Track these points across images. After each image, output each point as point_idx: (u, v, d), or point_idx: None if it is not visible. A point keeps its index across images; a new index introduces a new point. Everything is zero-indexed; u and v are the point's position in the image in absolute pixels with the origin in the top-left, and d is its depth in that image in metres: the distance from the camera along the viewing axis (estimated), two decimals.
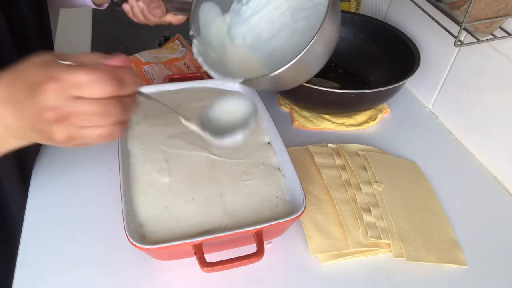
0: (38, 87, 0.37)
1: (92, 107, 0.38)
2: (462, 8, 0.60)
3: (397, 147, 0.78)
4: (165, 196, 0.57)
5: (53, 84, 0.36)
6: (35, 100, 0.37)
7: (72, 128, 0.38)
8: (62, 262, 0.57)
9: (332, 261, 0.58)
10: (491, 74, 0.72)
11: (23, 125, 0.40)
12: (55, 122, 0.37)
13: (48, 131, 0.38)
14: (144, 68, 0.84)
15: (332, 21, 0.52)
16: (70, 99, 0.37)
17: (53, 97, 0.37)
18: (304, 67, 0.56)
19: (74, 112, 0.37)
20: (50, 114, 0.37)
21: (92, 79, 0.37)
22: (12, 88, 0.39)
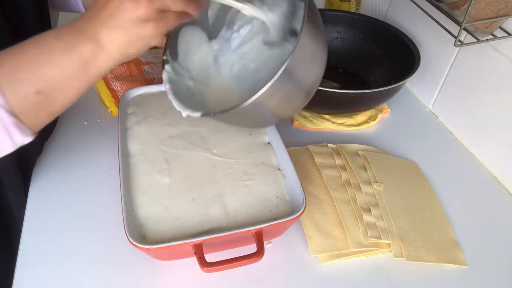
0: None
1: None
2: (462, 8, 0.60)
3: (397, 147, 0.78)
4: (165, 197, 0.57)
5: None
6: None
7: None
8: (62, 262, 0.57)
9: (332, 261, 0.58)
10: (491, 74, 0.72)
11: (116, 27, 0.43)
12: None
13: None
14: (144, 68, 0.84)
15: (307, 51, 0.46)
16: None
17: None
18: (284, 99, 0.49)
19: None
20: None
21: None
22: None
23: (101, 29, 0.43)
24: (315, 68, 0.50)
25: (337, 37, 0.94)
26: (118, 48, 0.44)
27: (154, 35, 0.45)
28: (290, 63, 0.43)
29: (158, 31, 0.45)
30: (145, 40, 0.45)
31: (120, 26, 0.43)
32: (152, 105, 0.70)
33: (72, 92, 0.46)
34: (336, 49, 0.94)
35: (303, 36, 0.44)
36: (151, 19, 0.43)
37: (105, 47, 0.44)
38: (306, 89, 0.51)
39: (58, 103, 0.46)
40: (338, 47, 0.94)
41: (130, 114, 0.68)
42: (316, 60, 0.49)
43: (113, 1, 0.42)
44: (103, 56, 0.44)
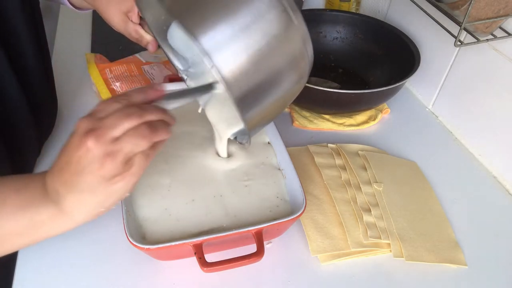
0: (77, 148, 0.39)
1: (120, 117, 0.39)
2: (462, 8, 0.60)
3: (397, 147, 0.78)
4: (165, 198, 0.57)
5: (89, 136, 0.38)
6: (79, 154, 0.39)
7: (108, 143, 0.38)
8: (62, 262, 0.57)
9: (332, 261, 0.58)
10: (491, 74, 0.72)
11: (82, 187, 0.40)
12: (90, 137, 0.38)
13: (91, 161, 0.38)
14: (144, 68, 0.84)
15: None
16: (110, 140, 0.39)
17: (92, 143, 0.38)
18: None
19: (106, 125, 0.39)
20: (85, 136, 0.38)
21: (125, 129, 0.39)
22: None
23: (65, 193, 0.40)
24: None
25: (337, 37, 0.94)
26: (82, 211, 0.41)
27: (124, 189, 0.41)
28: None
29: (129, 182, 0.41)
30: (115, 197, 0.41)
31: (85, 190, 0.39)
32: None
33: (9, 248, 0.43)
34: (336, 49, 0.94)
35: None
36: (118, 173, 0.39)
37: (67, 212, 0.41)
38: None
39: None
40: (338, 47, 0.94)
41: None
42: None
43: (73, 165, 0.39)
44: (62, 221, 0.41)
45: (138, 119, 0.39)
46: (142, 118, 0.39)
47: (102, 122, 0.39)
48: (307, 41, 0.43)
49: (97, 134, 0.38)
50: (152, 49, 0.66)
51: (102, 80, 0.80)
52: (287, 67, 0.43)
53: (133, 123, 0.39)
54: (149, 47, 0.66)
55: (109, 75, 0.81)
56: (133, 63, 0.84)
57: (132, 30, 0.64)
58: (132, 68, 0.83)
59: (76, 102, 0.82)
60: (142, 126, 0.39)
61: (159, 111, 0.42)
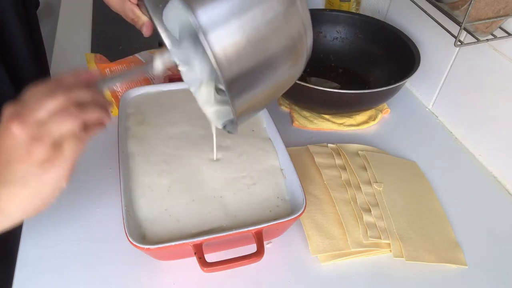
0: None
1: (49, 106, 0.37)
2: (462, 8, 0.60)
3: (397, 147, 0.77)
4: (164, 199, 0.57)
5: (14, 121, 0.36)
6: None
7: (33, 126, 0.36)
8: (62, 262, 0.57)
9: (332, 261, 0.58)
10: (491, 74, 0.72)
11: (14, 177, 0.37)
12: (16, 122, 0.36)
13: (20, 146, 0.36)
14: None
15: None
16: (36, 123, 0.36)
17: (17, 127, 0.36)
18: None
19: (29, 107, 0.36)
20: (12, 121, 0.36)
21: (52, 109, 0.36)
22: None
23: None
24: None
25: (337, 37, 0.94)
26: (18, 206, 0.38)
27: (59, 175, 0.38)
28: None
29: (62, 171, 0.37)
30: (49, 187, 0.38)
31: (16, 181, 0.37)
32: (152, 105, 0.70)
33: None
34: (336, 49, 0.94)
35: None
36: (48, 159, 0.36)
37: (1, 208, 0.38)
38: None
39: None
40: (338, 47, 0.94)
41: (130, 114, 0.68)
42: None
43: (2, 152, 0.36)
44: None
45: (63, 98, 0.37)
46: (68, 97, 0.37)
47: (26, 105, 0.36)
48: (307, 25, 0.41)
49: (21, 118, 0.36)
50: (146, 31, 0.64)
51: None
52: (284, 50, 0.40)
53: (58, 102, 0.36)
54: (143, 28, 0.64)
55: (109, 75, 0.80)
56: (133, 63, 0.84)
57: (129, 9, 0.63)
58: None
59: None
60: (68, 105, 0.37)
61: (89, 90, 0.39)
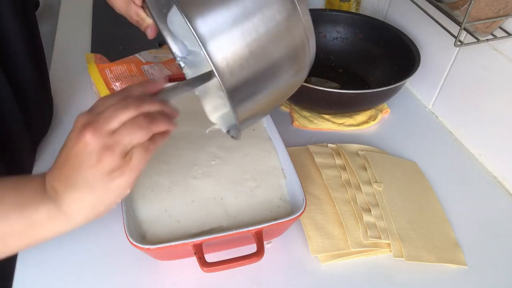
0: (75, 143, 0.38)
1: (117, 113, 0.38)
2: (462, 8, 0.60)
3: (397, 147, 0.77)
4: (164, 199, 0.57)
5: (87, 130, 0.37)
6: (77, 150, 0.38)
7: (105, 136, 0.37)
8: (62, 262, 0.57)
9: (332, 261, 0.58)
10: (491, 74, 0.72)
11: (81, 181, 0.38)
12: (88, 131, 0.37)
13: (89, 155, 0.37)
14: (144, 68, 0.84)
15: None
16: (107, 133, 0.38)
17: (90, 137, 0.37)
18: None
19: (103, 118, 0.38)
20: (82, 128, 0.37)
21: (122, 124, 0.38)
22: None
23: (63, 189, 0.39)
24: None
25: (337, 37, 0.94)
26: (82, 210, 0.40)
27: (124, 185, 0.39)
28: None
29: (129, 177, 0.39)
30: (114, 193, 0.39)
31: (83, 186, 0.38)
32: None
33: (5, 249, 0.41)
34: (336, 49, 0.94)
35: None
36: (117, 167, 0.38)
37: (66, 211, 0.39)
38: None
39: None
40: (338, 47, 0.94)
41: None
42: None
43: (71, 160, 0.38)
44: (61, 221, 0.40)
45: (135, 110, 0.38)
46: (139, 109, 0.39)
47: (100, 116, 0.38)
48: (309, 33, 0.41)
49: (94, 128, 0.37)
50: (151, 34, 0.64)
51: (102, 80, 0.80)
52: (286, 59, 0.41)
53: (130, 114, 0.38)
54: (148, 31, 0.64)
55: (109, 75, 0.81)
56: (133, 63, 0.84)
57: (133, 12, 0.63)
58: (132, 68, 0.83)
59: (75, 102, 0.82)
60: (139, 117, 0.38)
61: (157, 102, 0.41)
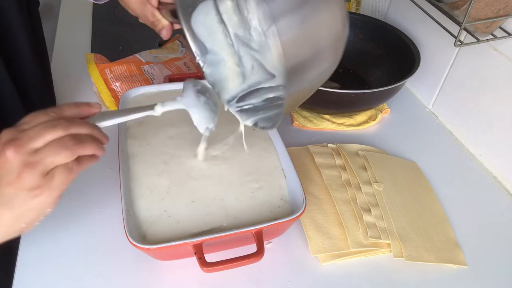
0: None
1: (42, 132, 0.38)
2: (462, 8, 0.60)
3: (397, 147, 0.77)
4: (164, 200, 0.57)
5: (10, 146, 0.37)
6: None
7: (28, 154, 0.37)
8: (62, 262, 0.57)
9: (332, 261, 0.58)
10: (491, 74, 0.72)
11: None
12: (11, 147, 0.37)
13: (10, 172, 0.37)
14: (144, 68, 0.84)
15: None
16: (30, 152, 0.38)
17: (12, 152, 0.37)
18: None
19: (27, 135, 0.38)
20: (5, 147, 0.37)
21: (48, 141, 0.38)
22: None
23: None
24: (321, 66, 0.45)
25: None
26: (1, 227, 0.39)
27: (43, 204, 0.39)
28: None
29: (49, 196, 0.39)
30: (34, 212, 0.40)
31: (2, 203, 0.38)
32: None
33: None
34: None
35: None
36: (37, 186, 0.37)
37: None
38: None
39: None
40: None
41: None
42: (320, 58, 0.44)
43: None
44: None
45: (62, 131, 0.38)
46: (67, 130, 0.38)
47: (25, 133, 0.38)
48: (347, 24, 0.43)
49: (17, 144, 0.37)
50: (165, 34, 0.64)
51: (102, 80, 0.80)
52: (331, 48, 0.43)
53: (56, 134, 0.38)
54: (163, 32, 0.64)
55: (109, 75, 0.81)
56: (133, 63, 0.84)
57: (149, 13, 0.63)
58: (132, 68, 0.83)
59: None
60: (65, 138, 0.38)
61: (88, 125, 0.41)
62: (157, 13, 0.63)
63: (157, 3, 0.62)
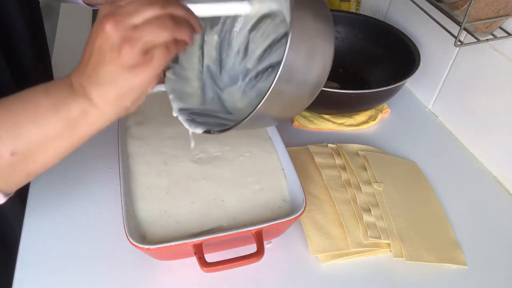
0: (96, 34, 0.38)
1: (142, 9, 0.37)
2: (462, 8, 0.60)
3: (397, 147, 0.77)
4: (163, 200, 0.57)
5: (108, 21, 0.37)
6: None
7: (127, 29, 0.37)
8: (62, 262, 0.57)
9: (332, 261, 0.58)
10: (491, 74, 0.72)
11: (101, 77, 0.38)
12: (110, 26, 0.36)
13: (109, 45, 0.37)
14: None
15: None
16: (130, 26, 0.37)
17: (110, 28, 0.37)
18: (285, 105, 0.45)
19: (126, 10, 0.37)
20: (104, 22, 0.36)
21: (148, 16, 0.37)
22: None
23: (89, 86, 0.39)
24: (317, 63, 0.45)
25: (337, 37, 0.94)
26: (110, 103, 0.40)
27: (146, 81, 0.39)
28: (282, 72, 0.40)
29: (150, 75, 0.39)
30: (138, 89, 0.40)
31: (107, 81, 0.38)
32: (152, 105, 0.70)
33: (54, 153, 0.41)
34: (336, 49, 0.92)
35: (292, 40, 0.39)
36: (138, 64, 0.38)
37: (96, 104, 0.39)
38: (310, 88, 0.46)
39: (37, 164, 0.42)
40: (338, 47, 0.93)
41: (130, 114, 0.68)
42: (316, 54, 0.45)
43: (94, 55, 0.38)
44: (94, 114, 0.40)
45: (160, 9, 0.37)
46: (165, 10, 0.38)
47: (123, 8, 0.37)
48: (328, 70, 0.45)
49: (116, 19, 0.36)
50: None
51: None
52: (306, 99, 0.44)
53: (155, 12, 0.37)
54: None
55: None
56: None
57: None
58: None
59: None
60: (164, 17, 0.37)
61: (185, 9, 0.40)
62: None
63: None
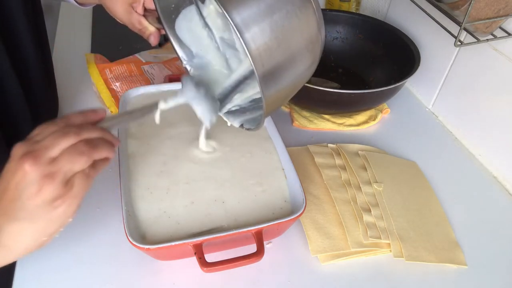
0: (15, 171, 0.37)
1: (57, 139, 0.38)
2: (462, 8, 0.60)
3: (397, 147, 0.77)
4: (163, 201, 0.57)
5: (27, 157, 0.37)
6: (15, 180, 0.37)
7: (45, 164, 0.37)
8: (62, 262, 0.57)
9: (332, 261, 0.58)
10: (491, 74, 0.72)
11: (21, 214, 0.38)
12: (28, 160, 0.36)
13: (30, 184, 0.36)
14: (144, 68, 0.84)
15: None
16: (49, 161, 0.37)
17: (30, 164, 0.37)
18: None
19: (42, 146, 0.37)
20: (24, 158, 0.36)
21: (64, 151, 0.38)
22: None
23: (2, 223, 0.38)
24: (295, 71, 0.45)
25: (337, 37, 0.94)
26: (22, 242, 0.39)
27: (66, 214, 0.39)
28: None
29: (70, 207, 0.39)
30: (57, 223, 0.39)
31: (24, 218, 0.37)
32: None
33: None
34: (336, 49, 0.94)
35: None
36: (58, 196, 0.37)
37: (5, 244, 0.38)
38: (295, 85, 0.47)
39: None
40: (338, 47, 0.94)
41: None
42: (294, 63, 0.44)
43: (9, 192, 0.37)
44: (1, 253, 0.39)
45: (75, 137, 0.38)
46: (80, 136, 0.39)
47: (39, 144, 0.37)
48: (321, 26, 0.44)
49: (34, 156, 0.36)
50: (153, 41, 0.65)
51: (102, 80, 0.80)
52: (305, 50, 0.43)
53: (70, 141, 0.38)
54: (151, 38, 0.65)
55: (109, 75, 0.81)
56: (133, 63, 0.84)
57: (136, 21, 0.64)
58: (132, 68, 0.83)
59: (76, 102, 0.82)
60: (79, 144, 0.38)
61: (98, 129, 0.41)
62: (143, 21, 0.64)
63: (143, 11, 0.63)
